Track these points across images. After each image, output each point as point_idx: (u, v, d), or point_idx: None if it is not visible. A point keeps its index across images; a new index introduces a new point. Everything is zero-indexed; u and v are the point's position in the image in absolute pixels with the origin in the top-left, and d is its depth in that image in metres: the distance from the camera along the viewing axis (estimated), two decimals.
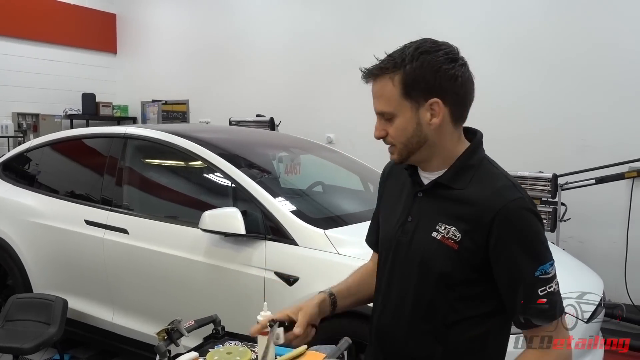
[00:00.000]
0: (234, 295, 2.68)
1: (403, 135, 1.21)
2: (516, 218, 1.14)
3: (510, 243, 1.14)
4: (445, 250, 1.19)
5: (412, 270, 1.26)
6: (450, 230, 1.19)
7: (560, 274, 2.83)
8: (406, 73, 1.17)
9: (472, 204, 1.18)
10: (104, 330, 3.25)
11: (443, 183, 1.23)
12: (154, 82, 8.03)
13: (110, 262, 3.15)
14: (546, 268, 1.13)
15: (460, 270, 1.19)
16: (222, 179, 2.95)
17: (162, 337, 1.93)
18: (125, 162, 3.32)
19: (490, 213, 1.15)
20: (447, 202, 1.22)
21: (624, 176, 4.11)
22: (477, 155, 1.26)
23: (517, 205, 1.15)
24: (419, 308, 1.25)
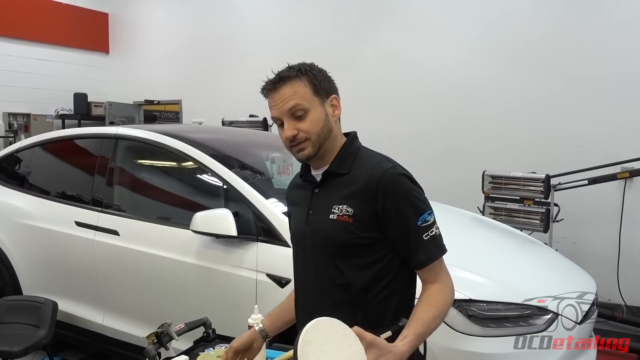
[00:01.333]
0: (226, 297, 2.66)
1: (317, 127, 1.42)
2: (393, 182, 1.38)
3: (393, 203, 1.37)
4: (342, 225, 1.40)
5: (319, 252, 1.46)
6: (342, 208, 1.41)
7: (553, 275, 2.82)
8: (312, 76, 1.43)
9: (358, 181, 1.41)
10: (95, 333, 3.22)
11: (332, 171, 1.46)
12: (146, 82, 8.01)
13: (100, 264, 3.12)
14: (425, 217, 1.38)
15: (358, 237, 1.39)
16: (214, 180, 2.93)
17: (151, 340, 1.90)
18: (116, 163, 3.28)
19: (373, 183, 1.38)
20: (337, 188, 1.44)
21: (616, 177, 4.12)
22: (354, 145, 1.50)
23: (391, 172, 1.39)
24: (333, 283, 1.44)
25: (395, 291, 1.45)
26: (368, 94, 5.81)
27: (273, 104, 1.45)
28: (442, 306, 1.36)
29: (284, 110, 1.42)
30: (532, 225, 4.23)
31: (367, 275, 1.42)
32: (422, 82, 5.56)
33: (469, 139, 5.36)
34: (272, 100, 1.45)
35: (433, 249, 1.39)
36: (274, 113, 1.46)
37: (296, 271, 1.59)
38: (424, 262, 1.39)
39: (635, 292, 4.53)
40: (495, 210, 4.40)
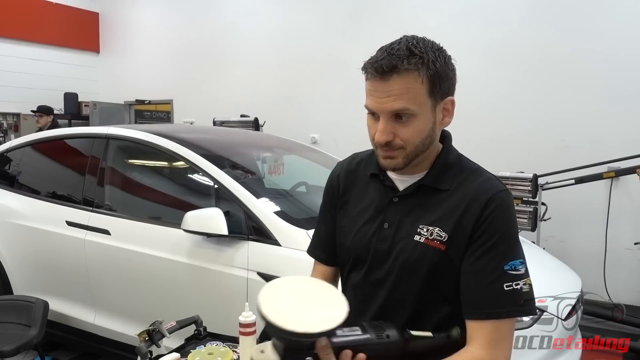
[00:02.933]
0: (216, 296, 2.68)
1: (418, 137, 1.14)
2: (505, 209, 1.13)
3: (493, 231, 1.11)
4: (431, 252, 1.14)
5: (396, 277, 1.19)
6: (434, 231, 1.14)
7: (539, 273, 2.87)
8: (435, 72, 1.11)
9: (461, 200, 1.15)
10: (86, 332, 3.22)
11: (427, 185, 1.19)
12: (137, 81, 7.98)
13: (91, 264, 3.12)
14: (517, 264, 1.10)
15: (449, 269, 1.14)
16: (205, 180, 2.94)
17: (143, 338, 1.93)
18: (107, 163, 3.30)
19: (480, 204, 1.12)
20: (429, 205, 1.17)
21: (602, 176, 4.18)
22: (453, 154, 1.24)
23: (504, 196, 1.15)
24: (405, 313, 1.19)
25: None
26: (360, 95, 5.79)
27: (374, 93, 1.13)
28: None
29: (385, 109, 1.11)
30: (520, 224, 4.29)
31: (443, 309, 1.17)
32: None
33: (458, 138, 5.38)
34: (374, 89, 1.13)
35: (506, 303, 1.08)
36: (372, 105, 1.14)
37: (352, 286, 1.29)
38: (483, 312, 1.09)
39: (621, 290, 4.60)
40: None
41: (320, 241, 1.41)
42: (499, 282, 1.09)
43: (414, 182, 1.21)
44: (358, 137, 1.57)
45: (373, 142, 1.17)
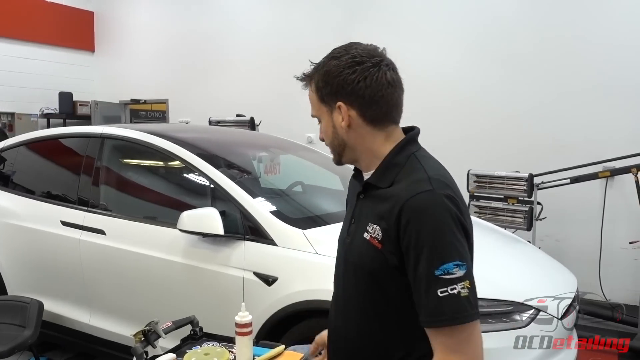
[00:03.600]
0: (213, 296, 2.67)
1: (327, 138, 1.29)
2: (422, 210, 1.10)
3: (412, 237, 1.10)
4: (372, 249, 1.17)
5: (351, 271, 1.27)
6: (376, 229, 1.17)
7: (535, 273, 2.88)
8: (318, 79, 1.24)
9: (391, 200, 1.15)
10: (81, 333, 3.21)
11: (371, 183, 1.24)
12: (132, 81, 7.95)
13: (87, 264, 3.11)
14: (449, 268, 1.06)
15: (385, 268, 1.16)
16: (201, 179, 2.93)
17: (138, 338, 1.92)
18: (102, 162, 3.28)
19: (398, 206, 1.12)
20: (376, 202, 1.21)
21: (597, 176, 4.19)
22: (403, 154, 1.23)
23: (424, 198, 1.11)
24: (360, 307, 1.25)
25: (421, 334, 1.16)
26: None
27: None
28: None
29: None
30: (516, 223, 4.30)
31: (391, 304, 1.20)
32: (409, 82, 5.52)
33: (455, 138, 5.42)
34: None
35: (442, 312, 1.06)
36: None
37: (333, 284, 1.40)
38: (428, 323, 1.10)
39: (616, 289, 4.62)
40: (479, 209, 4.46)
41: None
42: (433, 289, 1.07)
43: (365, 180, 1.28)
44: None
45: None
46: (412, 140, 1.26)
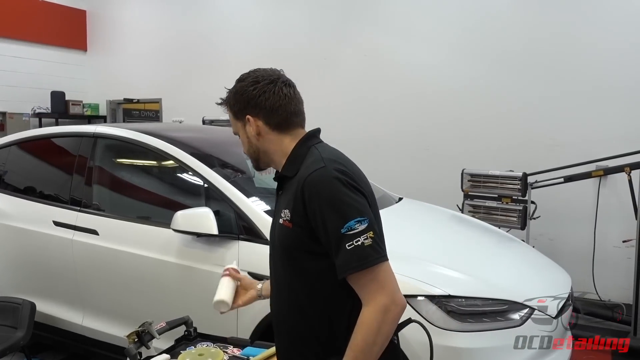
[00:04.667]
0: (207, 296, 2.64)
1: (245, 148, 1.51)
2: (318, 184, 1.32)
3: (318, 207, 1.31)
4: (285, 230, 1.39)
5: (277, 255, 1.47)
6: (286, 212, 1.38)
7: (530, 272, 2.87)
8: (229, 100, 1.50)
9: (294, 184, 1.38)
10: (74, 334, 3.19)
11: (283, 174, 1.46)
12: (125, 80, 7.90)
13: (79, 264, 3.09)
14: (351, 224, 1.27)
15: (298, 243, 1.37)
16: (195, 179, 2.92)
17: (132, 339, 1.90)
18: (95, 162, 3.26)
19: (300, 185, 1.34)
20: (286, 191, 1.43)
21: (591, 175, 4.21)
22: (304, 146, 1.45)
23: (318, 173, 1.33)
24: (283, 287, 1.46)
25: (346, 302, 1.36)
26: (349, 92, 5.83)
27: None
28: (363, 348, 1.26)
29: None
30: (510, 222, 4.31)
31: (309, 281, 1.39)
32: (403, 82, 5.60)
33: (449, 138, 5.43)
34: None
35: (352, 260, 1.26)
36: None
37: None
38: (341, 273, 1.29)
39: (609, 287, 4.64)
40: (474, 208, 4.47)
41: None
42: (342, 244, 1.28)
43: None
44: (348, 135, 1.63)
45: None
46: (311, 136, 1.49)
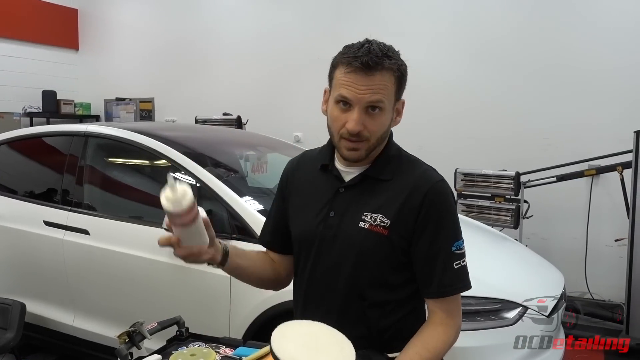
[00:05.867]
0: (199, 296, 2.64)
1: (381, 130, 1.25)
2: (442, 197, 1.26)
3: (435, 219, 1.24)
4: (374, 237, 1.25)
5: (338, 263, 1.29)
6: (377, 218, 1.25)
7: (523, 271, 2.87)
8: (401, 72, 1.24)
9: (401, 189, 1.26)
10: (65, 335, 3.15)
11: (371, 176, 1.30)
12: (117, 79, 7.85)
13: (70, 264, 3.05)
14: (460, 244, 1.26)
15: (390, 253, 1.26)
16: (187, 178, 2.90)
17: (123, 340, 1.88)
18: (86, 161, 3.22)
19: (420, 193, 1.24)
20: (373, 193, 1.28)
21: (583, 174, 4.22)
22: (394, 148, 1.35)
23: (442, 185, 1.28)
24: (347, 299, 1.30)
25: (413, 311, 1.35)
26: None
27: (355, 85, 1.19)
28: (438, 353, 1.23)
29: (363, 99, 1.19)
30: (503, 221, 4.31)
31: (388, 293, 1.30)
32: None
33: (441, 136, 5.43)
34: (355, 81, 1.19)
35: (458, 280, 1.26)
36: (348, 94, 1.20)
37: (300, 281, 1.41)
38: (444, 292, 1.25)
39: (602, 286, 4.66)
40: (467, 207, 4.47)
41: (266, 230, 1.54)
42: (450, 262, 1.25)
43: (359, 173, 1.31)
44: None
45: (339, 132, 1.24)
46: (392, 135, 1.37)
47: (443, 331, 1.24)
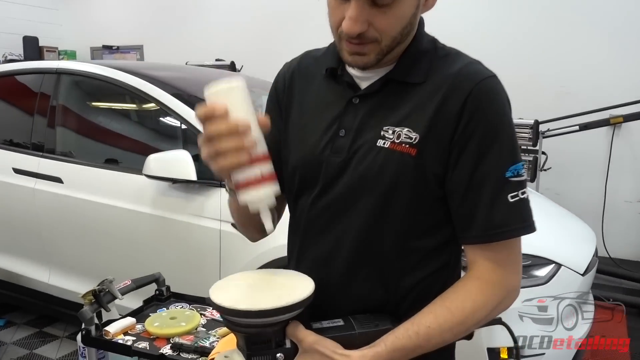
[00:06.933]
0: (185, 250, 2.35)
1: (398, 25, 0.86)
2: (493, 98, 0.87)
3: (480, 132, 0.85)
4: (398, 159, 0.87)
5: (348, 198, 0.91)
6: (401, 133, 0.87)
7: (552, 226, 2.55)
8: None
9: (435, 90, 0.88)
10: (40, 293, 2.88)
11: (396, 79, 0.91)
12: (104, 26, 7.40)
13: (43, 216, 2.75)
14: (519, 169, 0.87)
15: (419, 182, 0.88)
16: (171, 121, 2.58)
17: (89, 300, 1.58)
18: (58, 101, 2.87)
19: (462, 93, 0.86)
20: (396, 101, 0.91)
21: (609, 122, 3.88)
22: (427, 38, 0.96)
23: (492, 83, 0.88)
24: (358, 247, 0.92)
25: (446, 265, 0.96)
26: None
27: None
28: (465, 316, 0.86)
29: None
30: None
31: (411, 235, 0.91)
32: None
33: None
34: None
35: (514, 220, 0.86)
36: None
37: (297, 225, 1.02)
38: (492, 235, 0.86)
39: (619, 245, 4.39)
40: None
41: None
42: (503, 193, 0.85)
43: (379, 77, 0.92)
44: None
45: (337, 32, 0.89)
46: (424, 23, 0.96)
47: (478, 287, 0.87)
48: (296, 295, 0.82)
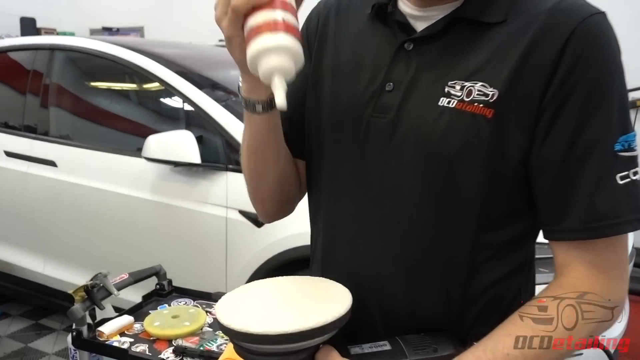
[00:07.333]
0: (188, 240, 2.18)
1: None
2: (600, 46, 0.63)
3: (584, 87, 0.62)
4: (468, 123, 0.65)
5: (398, 173, 0.69)
6: (473, 88, 0.65)
7: None
8: None
9: (521, 33, 0.65)
10: (35, 283, 2.72)
11: (467, 17, 0.68)
12: (103, 6, 7.24)
13: (36, 202, 2.59)
14: (631, 140, 0.63)
15: (496, 154, 0.65)
16: (173, 99, 2.40)
17: (80, 297, 1.40)
18: (52, 80, 2.69)
19: (556, 37, 0.63)
20: (466, 48, 0.68)
21: (636, 104, 3.70)
22: None
23: (601, 23, 0.64)
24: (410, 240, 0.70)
25: (520, 268, 0.74)
26: None
27: None
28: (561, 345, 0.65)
29: None
30: None
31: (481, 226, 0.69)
32: None
33: None
34: None
35: (625, 209, 0.63)
36: None
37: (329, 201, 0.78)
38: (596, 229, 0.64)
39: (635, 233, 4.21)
40: None
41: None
42: (612, 172, 0.63)
43: (444, 15, 0.70)
44: None
45: None
46: None
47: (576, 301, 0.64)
48: (329, 313, 0.62)
